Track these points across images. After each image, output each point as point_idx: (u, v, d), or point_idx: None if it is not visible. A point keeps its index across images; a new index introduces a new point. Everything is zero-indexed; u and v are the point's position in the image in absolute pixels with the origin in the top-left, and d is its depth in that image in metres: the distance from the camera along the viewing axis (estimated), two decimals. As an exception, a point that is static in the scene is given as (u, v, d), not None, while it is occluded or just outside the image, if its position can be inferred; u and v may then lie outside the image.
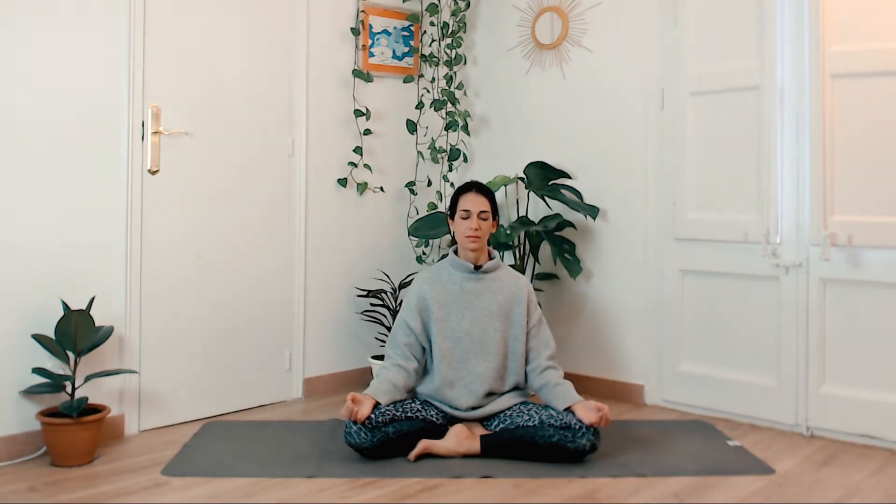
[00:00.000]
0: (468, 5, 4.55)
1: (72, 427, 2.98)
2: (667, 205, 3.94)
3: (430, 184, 4.54)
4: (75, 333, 3.02)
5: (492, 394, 3.24)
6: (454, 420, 3.20)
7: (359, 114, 4.24)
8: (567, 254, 4.06)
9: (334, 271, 4.21)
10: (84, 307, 3.13)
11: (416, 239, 4.40)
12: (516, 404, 3.22)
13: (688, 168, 3.86)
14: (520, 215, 4.28)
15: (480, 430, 3.16)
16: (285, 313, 4.00)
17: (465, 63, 4.62)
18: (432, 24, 4.54)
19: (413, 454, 3.01)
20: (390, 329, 3.79)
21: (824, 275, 3.42)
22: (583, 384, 4.01)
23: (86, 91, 3.26)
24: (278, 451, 3.16)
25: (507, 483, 2.84)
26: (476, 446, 3.07)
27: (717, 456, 3.15)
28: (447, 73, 4.50)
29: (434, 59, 4.47)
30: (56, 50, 3.17)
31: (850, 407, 3.35)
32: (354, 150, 4.25)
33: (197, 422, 3.59)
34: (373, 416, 3.00)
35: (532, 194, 4.24)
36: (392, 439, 3.02)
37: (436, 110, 4.45)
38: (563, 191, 4.12)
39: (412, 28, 4.49)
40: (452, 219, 3.36)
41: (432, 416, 3.16)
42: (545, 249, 4.28)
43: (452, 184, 4.57)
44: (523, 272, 4.16)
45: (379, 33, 4.35)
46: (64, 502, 2.65)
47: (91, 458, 3.06)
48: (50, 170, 3.16)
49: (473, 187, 3.35)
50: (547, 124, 4.38)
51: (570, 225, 4.14)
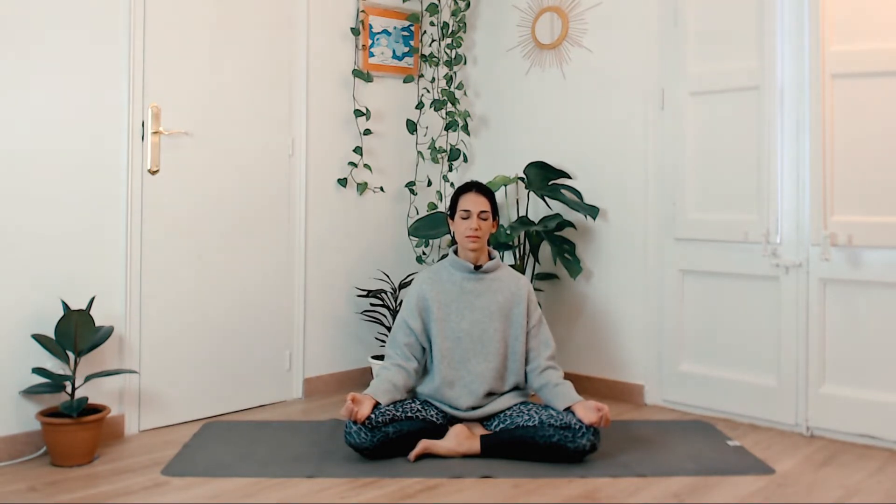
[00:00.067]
0: (468, 5, 4.55)
1: (72, 427, 2.98)
2: (667, 205, 3.94)
3: (430, 184, 4.54)
4: (75, 333, 3.02)
5: (492, 394, 3.24)
6: (454, 420, 3.20)
7: (359, 114, 4.24)
8: (567, 254, 4.06)
9: (334, 271, 4.21)
10: (84, 307, 3.13)
11: (416, 239, 4.40)
12: (516, 404, 3.22)
13: (688, 168, 3.86)
14: (520, 215, 4.28)
15: (480, 430, 3.16)
16: (285, 313, 4.00)
17: (465, 63, 4.62)
18: (432, 24, 4.54)
19: (413, 454, 3.01)
20: (390, 329, 3.79)
21: (824, 275, 3.42)
22: (583, 384, 4.01)
23: (86, 91, 3.25)
24: (278, 451, 3.16)
25: (507, 483, 2.84)
26: (476, 446, 3.07)
27: (717, 456, 3.15)
28: (447, 73, 4.49)
29: (434, 59, 4.47)
30: (56, 50, 3.17)
31: (850, 407, 3.35)
32: (354, 150, 4.25)
33: (197, 422, 3.59)
34: (373, 416, 3.00)
35: (532, 194, 4.24)
36: (392, 439, 3.02)
37: (436, 110, 4.45)
38: (563, 191, 4.12)
39: (412, 28, 4.49)
40: (452, 219, 3.36)
41: (432, 416, 3.16)
42: (545, 249, 4.27)
43: (452, 184, 4.57)
44: (523, 272, 4.16)
45: (379, 33, 4.35)
46: (64, 502, 2.65)
47: (91, 458, 3.06)
48: (50, 170, 3.16)
49: (473, 187, 3.35)
50: (547, 124, 4.38)
51: (570, 225, 4.14)
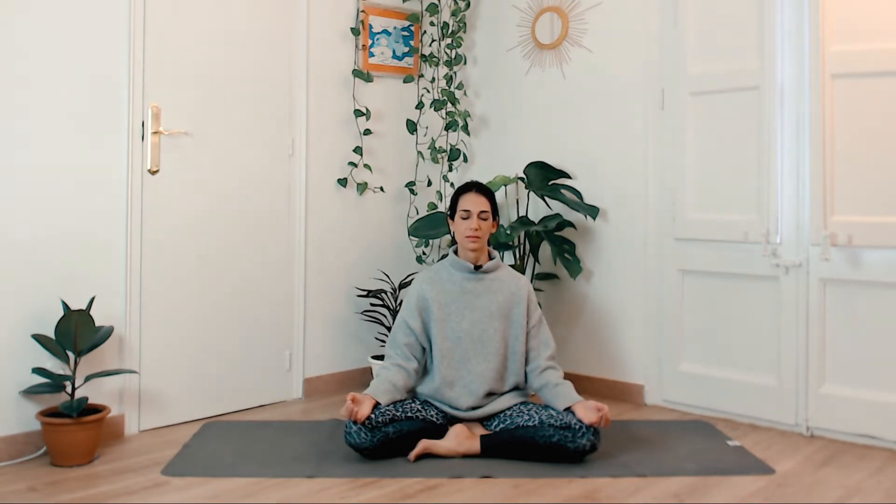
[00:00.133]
0: (468, 5, 4.54)
1: (72, 427, 2.98)
2: (667, 205, 3.94)
3: (430, 184, 4.54)
4: (75, 333, 3.02)
5: (492, 394, 3.24)
6: (454, 420, 3.20)
7: (359, 114, 4.24)
8: (567, 254, 4.06)
9: (334, 271, 4.21)
10: (84, 307, 3.13)
11: (416, 239, 4.40)
12: (516, 404, 3.22)
13: (688, 168, 3.86)
14: (520, 215, 4.28)
15: (480, 430, 3.16)
16: (285, 313, 4.00)
17: (465, 63, 4.62)
18: (432, 24, 4.54)
19: (413, 454, 3.01)
20: (390, 329, 3.79)
21: (824, 275, 3.42)
22: (583, 384, 4.01)
23: (85, 91, 3.25)
24: (278, 451, 3.16)
25: (507, 483, 2.83)
26: (476, 446, 3.07)
27: (717, 456, 3.15)
28: (447, 73, 4.49)
29: (434, 59, 4.47)
30: (56, 50, 3.17)
31: (850, 407, 3.35)
32: (354, 150, 4.25)
33: (197, 422, 3.59)
34: (373, 416, 3.00)
35: (532, 194, 4.24)
36: (392, 439, 3.02)
37: (436, 110, 4.45)
38: (563, 191, 4.12)
39: (412, 28, 4.49)
40: (452, 219, 3.36)
41: (432, 416, 3.16)
42: (545, 249, 4.27)
43: (452, 184, 4.57)
44: (523, 272, 4.16)
45: (379, 33, 4.35)
46: (64, 502, 2.65)
47: (91, 458, 3.06)
48: (50, 170, 3.16)
49: (473, 187, 3.35)
50: (547, 124, 4.38)
51: (570, 225, 4.14)
